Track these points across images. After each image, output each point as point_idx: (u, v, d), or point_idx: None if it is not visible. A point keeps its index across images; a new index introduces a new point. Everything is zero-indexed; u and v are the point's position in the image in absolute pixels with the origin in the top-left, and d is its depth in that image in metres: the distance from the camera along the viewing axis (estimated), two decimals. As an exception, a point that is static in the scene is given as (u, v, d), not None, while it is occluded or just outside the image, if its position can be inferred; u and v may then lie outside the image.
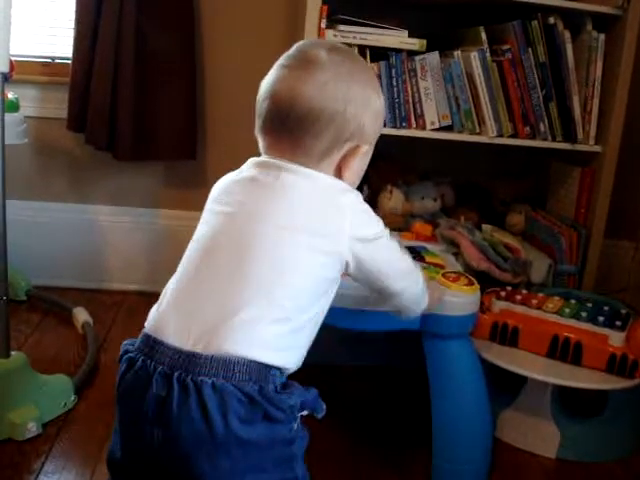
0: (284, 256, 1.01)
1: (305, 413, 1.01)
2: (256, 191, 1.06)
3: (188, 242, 2.60)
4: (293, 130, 1.07)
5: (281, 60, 1.11)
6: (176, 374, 0.93)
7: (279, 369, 0.99)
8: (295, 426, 0.99)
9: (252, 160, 1.12)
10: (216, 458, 0.93)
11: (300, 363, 1.05)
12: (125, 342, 1.05)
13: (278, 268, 1.00)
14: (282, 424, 0.97)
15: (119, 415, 1.02)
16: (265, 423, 0.95)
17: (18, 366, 1.61)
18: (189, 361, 0.94)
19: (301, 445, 1.01)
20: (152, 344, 0.98)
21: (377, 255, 1.11)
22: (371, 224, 1.10)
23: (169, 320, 1.00)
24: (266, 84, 1.10)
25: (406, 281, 1.20)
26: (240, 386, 0.93)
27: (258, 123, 1.12)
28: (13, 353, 1.62)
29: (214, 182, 2.64)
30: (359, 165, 1.13)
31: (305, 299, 1.03)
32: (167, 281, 2.60)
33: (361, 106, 1.09)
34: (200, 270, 1.03)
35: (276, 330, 0.99)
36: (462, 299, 1.43)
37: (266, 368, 0.97)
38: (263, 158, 1.11)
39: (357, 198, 1.09)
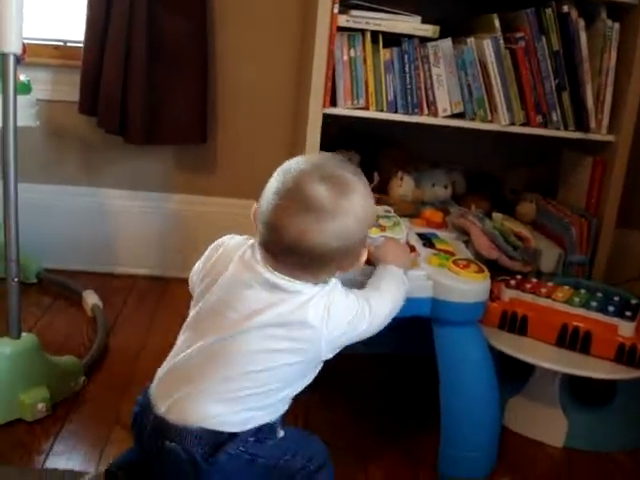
0: (265, 367, 1.14)
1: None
2: (247, 305, 1.15)
3: (198, 227, 2.60)
4: (304, 263, 1.14)
5: (283, 198, 1.13)
6: (154, 435, 1.15)
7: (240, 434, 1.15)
8: (247, 450, 1.15)
9: (253, 266, 1.17)
10: None
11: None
12: (146, 387, 1.23)
13: (260, 379, 1.15)
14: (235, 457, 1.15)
15: None
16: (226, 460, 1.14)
17: (29, 347, 1.61)
18: (161, 426, 1.15)
19: (271, 454, 1.18)
20: (146, 404, 1.19)
21: (356, 332, 1.21)
22: (340, 320, 1.17)
23: (157, 388, 1.20)
24: (272, 220, 1.13)
25: (392, 310, 1.29)
26: (188, 450, 1.13)
27: (264, 243, 1.17)
28: (24, 334, 1.63)
29: (224, 167, 2.65)
30: None
31: (282, 393, 1.19)
32: (177, 266, 2.61)
33: (364, 227, 1.18)
34: (184, 355, 1.18)
35: (233, 410, 1.15)
36: (472, 286, 1.43)
37: (219, 434, 1.14)
38: (264, 271, 1.16)
39: (335, 294, 1.18)
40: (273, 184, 1.15)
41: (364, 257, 1.22)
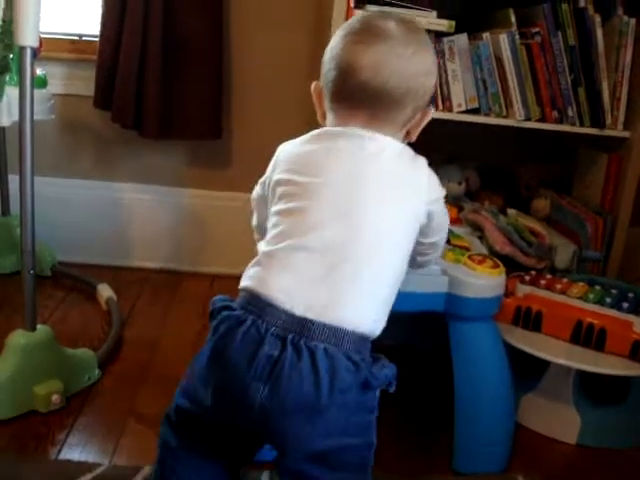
0: (384, 231, 1.06)
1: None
2: (345, 162, 1.09)
3: (212, 222, 2.59)
4: (383, 103, 1.11)
5: (352, 35, 1.12)
6: (290, 336, 0.98)
7: (371, 340, 1.05)
8: (378, 395, 1.05)
9: (326, 130, 1.15)
10: (316, 420, 0.99)
11: None
12: (217, 298, 1.08)
13: (382, 244, 1.05)
14: (371, 392, 1.03)
15: (217, 368, 1.04)
16: (358, 390, 1.01)
17: (44, 339, 1.62)
18: (302, 326, 0.99)
19: (376, 414, 1.07)
20: (261, 305, 1.01)
21: (440, 211, 1.19)
22: (438, 185, 1.17)
23: (279, 284, 1.02)
24: (344, 57, 1.12)
25: (446, 230, 1.28)
26: (348, 354, 0.99)
27: (335, 94, 1.14)
28: (39, 326, 1.63)
29: (239, 162, 2.64)
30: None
31: (399, 271, 1.10)
32: (190, 260, 2.60)
33: (433, 73, 1.17)
34: (308, 241, 1.04)
35: (378, 305, 1.05)
36: (488, 281, 1.43)
37: (365, 340, 1.03)
38: (342, 129, 1.13)
39: (426, 163, 1.15)
40: (340, 32, 1.15)
41: (429, 116, 1.19)
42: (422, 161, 1.15)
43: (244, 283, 1.06)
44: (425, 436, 1.68)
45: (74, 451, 1.49)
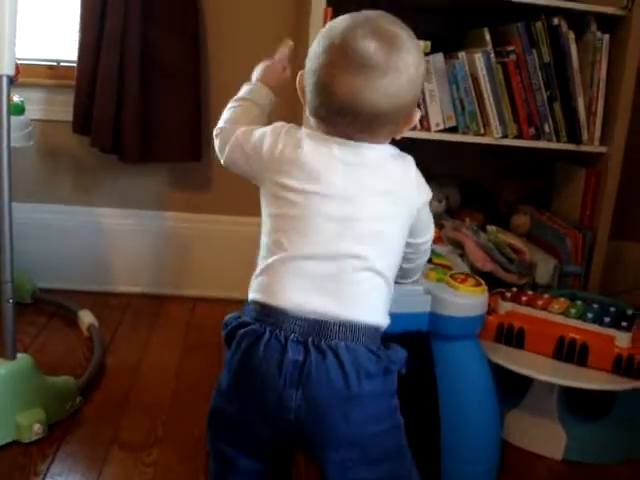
0: (384, 234, 1.11)
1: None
2: (341, 171, 1.10)
3: (193, 244, 2.57)
4: (359, 124, 1.10)
5: (330, 53, 1.09)
6: (310, 340, 1.03)
7: (381, 330, 1.11)
8: (396, 379, 1.11)
9: (321, 136, 1.13)
10: (349, 411, 1.04)
11: None
12: (229, 317, 1.11)
13: (384, 247, 1.11)
14: (392, 376, 1.09)
15: (243, 383, 1.07)
16: (382, 376, 1.07)
17: (24, 368, 1.61)
18: (319, 328, 1.03)
19: (397, 398, 1.13)
20: (276, 315, 1.05)
21: (428, 209, 1.23)
22: (425, 184, 1.20)
23: (289, 292, 1.06)
24: (321, 79, 1.09)
25: (432, 232, 1.30)
26: (367, 346, 1.05)
27: (317, 109, 1.13)
28: (19, 355, 1.62)
29: (219, 184, 2.62)
30: None
31: (396, 270, 1.15)
32: (172, 283, 2.58)
33: (417, 86, 1.13)
34: (312, 250, 1.08)
35: (383, 297, 1.11)
36: (470, 300, 1.43)
37: (377, 330, 1.09)
38: (334, 137, 1.12)
39: (413, 162, 1.18)
40: (321, 42, 1.11)
41: (417, 117, 1.18)
42: (410, 160, 1.17)
43: (253, 296, 1.09)
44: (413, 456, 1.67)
45: (57, 481, 1.48)
